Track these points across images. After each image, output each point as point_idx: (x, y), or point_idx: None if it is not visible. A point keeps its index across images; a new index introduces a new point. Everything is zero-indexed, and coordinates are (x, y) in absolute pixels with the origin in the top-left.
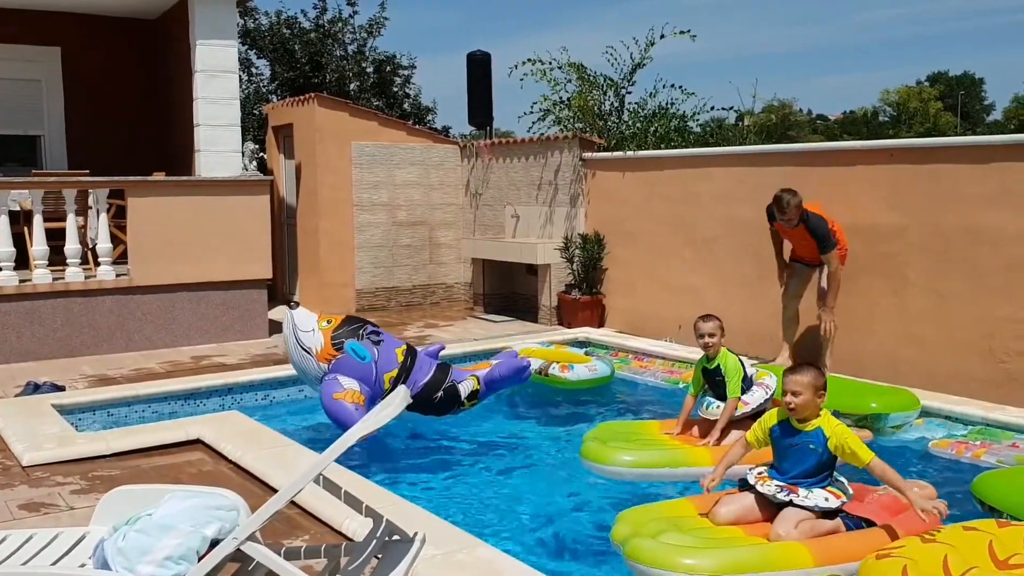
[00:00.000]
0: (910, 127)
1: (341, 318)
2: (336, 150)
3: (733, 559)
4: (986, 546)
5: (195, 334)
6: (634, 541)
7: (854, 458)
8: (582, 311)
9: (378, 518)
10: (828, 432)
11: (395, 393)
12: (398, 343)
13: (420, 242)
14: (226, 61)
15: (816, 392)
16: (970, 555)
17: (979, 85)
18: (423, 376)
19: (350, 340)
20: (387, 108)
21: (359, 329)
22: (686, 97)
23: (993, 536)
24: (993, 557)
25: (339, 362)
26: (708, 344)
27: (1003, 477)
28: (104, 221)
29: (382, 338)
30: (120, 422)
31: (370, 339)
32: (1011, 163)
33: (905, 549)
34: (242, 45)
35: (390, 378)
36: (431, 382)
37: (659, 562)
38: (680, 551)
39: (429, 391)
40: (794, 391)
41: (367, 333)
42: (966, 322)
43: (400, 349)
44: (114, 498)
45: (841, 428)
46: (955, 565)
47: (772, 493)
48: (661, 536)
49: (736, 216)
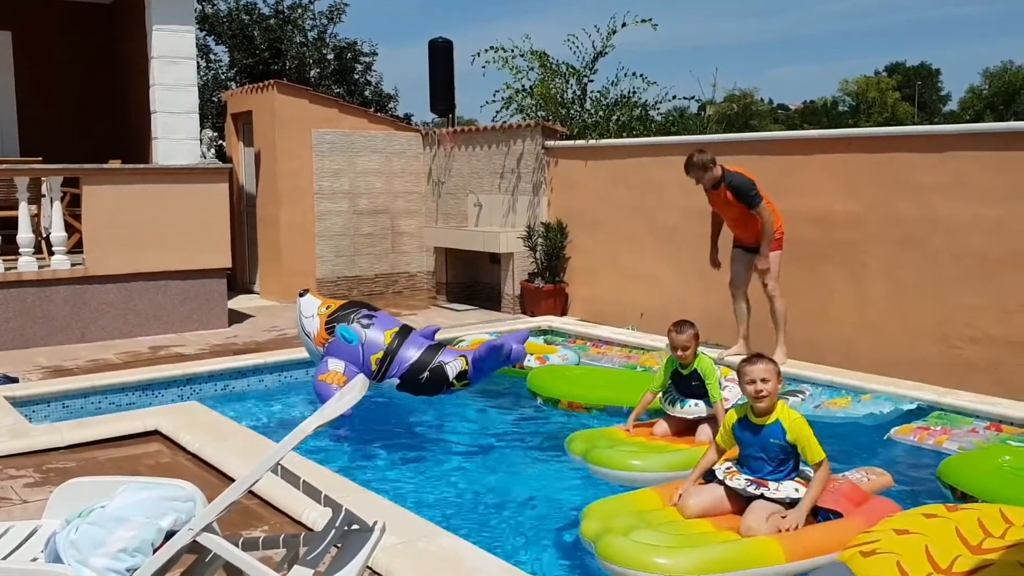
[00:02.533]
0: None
1: (340, 303)
2: (296, 138)
3: (707, 558)
4: (954, 532)
5: (153, 324)
6: (606, 539)
7: (805, 453)
8: (545, 300)
9: (337, 507)
10: (786, 424)
11: (353, 383)
12: (391, 325)
13: (382, 231)
14: (183, 47)
15: (778, 378)
16: (946, 543)
17: (935, 76)
18: (409, 358)
19: (341, 324)
20: (348, 95)
21: (351, 313)
22: (648, 86)
23: (955, 521)
24: (966, 543)
25: (331, 345)
26: (683, 356)
27: (968, 461)
28: (58, 209)
29: (373, 321)
30: (76, 414)
31: (360, 323)
32: (965, 152)
33: (884, 543)
34: (200, 31)
35: (376, 359)
36: (416, 363)
37: (633, 562)
38: (653, 550)
39: (414, 372)
40: (763, 378)
41: (359, 317)
42: (921, 309)
43: (390, 331)
44: (67, 491)
45: (799, 422)
46: (939, 556)
47: (742, 487)
48: (632, 533)
49: (696, 205)
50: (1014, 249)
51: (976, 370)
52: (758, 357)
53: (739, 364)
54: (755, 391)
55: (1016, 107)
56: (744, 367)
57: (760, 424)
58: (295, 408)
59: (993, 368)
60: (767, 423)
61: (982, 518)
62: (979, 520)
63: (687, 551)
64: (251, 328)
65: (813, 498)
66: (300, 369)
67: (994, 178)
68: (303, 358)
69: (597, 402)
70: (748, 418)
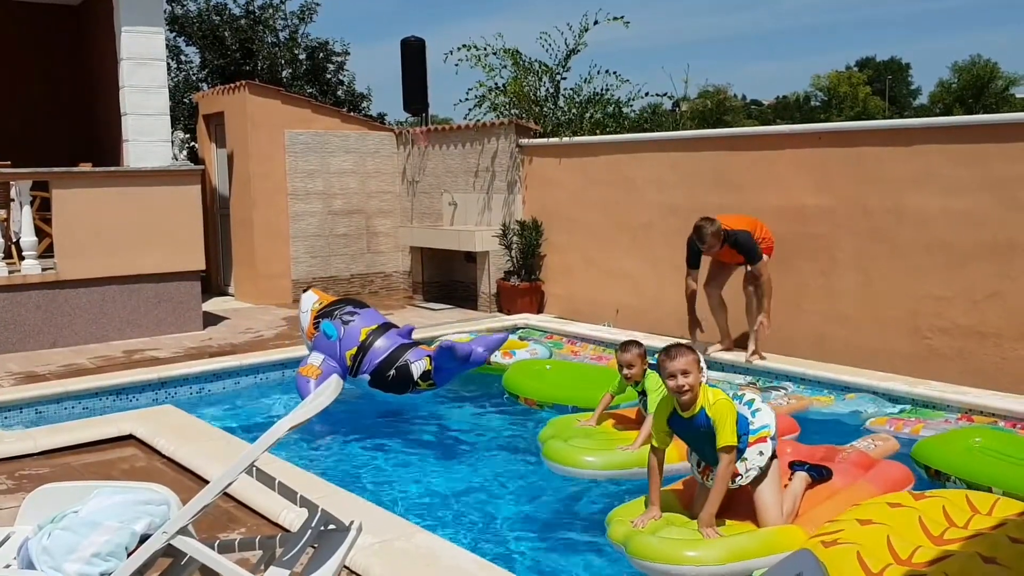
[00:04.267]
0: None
1: (331, 299)
2: (269, 138)
3: (736, 547)
4: (917, 522)
5: (127, 328)
6: (637, 539)
7: (718, 435)
8: (521, 298)
9: (313, 508)
10: (709, 412)
11: (327, 383)
12: (371, 322)
13: (357, 231)
14: (153, 48)
15: (700, 368)
16: (908, 534)
17: (906, 70)
18: (379, 355)
19: (325, 320)
20: (321, 95)
21: (336, 310)
22: (620, 83)
23: (919, 510)
24: (928, 533)
25: (316, 339)
26: (629, 374)
27: (941, 442)
28: (28, 214)
29: (354, 318)
30: (49, 420)
31: (342, 319)
32: (932, 145)
33: (846, 533)
34: (170, 32)
35: (351, 355)
36: (384, 361)
37: (666, 557)
38: (683, 545)
39: (382, 369)
40: (683, 371)
41: (343, 313)
42: (891, 300)
43: (367, 328)
44: (39, 497)
45: (719, 404)
46: (900, 547)
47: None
48: (660, 531)
49: (669, 202)
50: (981, 241)
51: (945, 359)
52: (676, 349)
53: (659, 358)
54: (676, 387)
55: (985, 100)
56: (663, 361)
57: (688, 417)
58: (271, 410)
59: (961, 357)
60: (694, 414)
61: (947, 506)
62: (944, 508)
63: (715, 543)
64: (226, 330)
65: (716, 498)
66: (275, 371)
67: (962, 171)
68: (278, 360)
69: (565, 401)
70: (676, 412)
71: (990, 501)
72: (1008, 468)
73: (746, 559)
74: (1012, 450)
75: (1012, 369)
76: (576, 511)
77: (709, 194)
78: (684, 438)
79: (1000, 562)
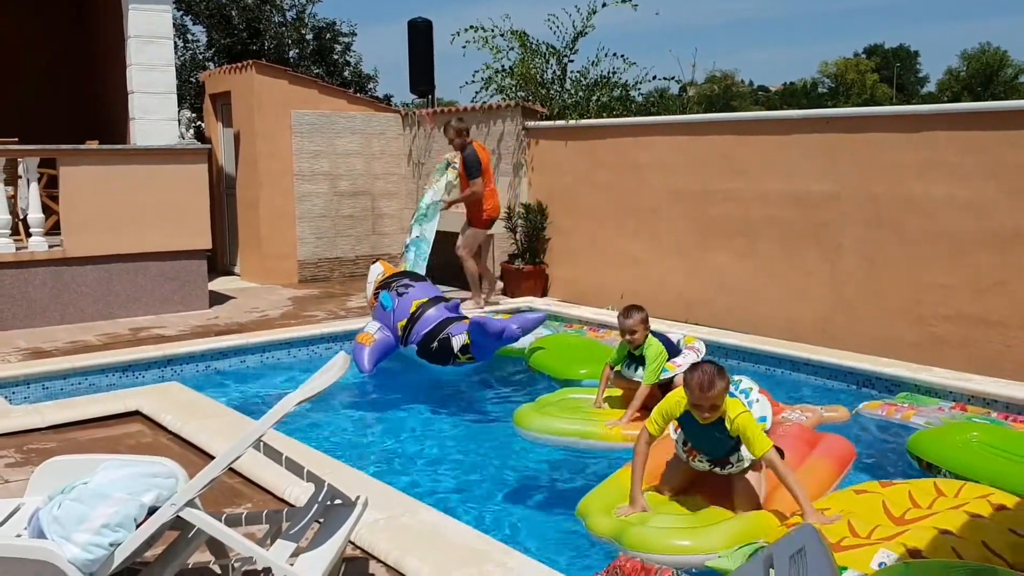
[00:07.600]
0: (848, 98)
1: (393, 272)
2: (275, 119)
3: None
4: (880, 506)
5: (133, 306)
6: (632, 533)
7: (750, 447)
8: (525, 281)
9: (320, 483)
10: (728, 425)
11: (333, 361)
12: (422, 295)
13: (362, 212)
14: (160, 27)
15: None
16: (870, 516)
17: (914, 57)
18: (426, 327)
19: (383, 291)
20: (327, 76)
21: (393, 282)
22: (628, 66)
23: (884, 496)
24: (889, 515)
25: (375, 309)
26: (632, 340)
27: (938, 435)
28: (35, 191)
29: (409, 290)
30: (56, 396)
31: (397, 291)
32: (939, 132)
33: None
34: (177, 10)
35: (401, 326)
36: (429, 333)
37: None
38: (682, 533)
39: (427, 341)
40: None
41: (399, 285)
42: (896, 288)
43: (419, 301)
44: (48, 468)
45: (742, 419)
46: (860, 527)
47: (708, 469)
48: (650, 521)
49: (676, 186)
50: (987, 229)
51: (950, 347)
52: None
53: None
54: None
55: (993, 88)
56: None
57: (705, 423)
58: (278, 389)
59: (966, 345)
60: (711, 421)
61: (912, 491)
62: (909, 493)
63: (711, 528)
64: (232, 309)
65: (803, 496)
66: (282, 350)
67: (969, 158)
68: (284, 339)
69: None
70: (692, 415)
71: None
72: (1004, 465)
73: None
74: (1009, 446)
75: (1016, 357)
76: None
77: (715, 179)
78: (691, 435)
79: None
